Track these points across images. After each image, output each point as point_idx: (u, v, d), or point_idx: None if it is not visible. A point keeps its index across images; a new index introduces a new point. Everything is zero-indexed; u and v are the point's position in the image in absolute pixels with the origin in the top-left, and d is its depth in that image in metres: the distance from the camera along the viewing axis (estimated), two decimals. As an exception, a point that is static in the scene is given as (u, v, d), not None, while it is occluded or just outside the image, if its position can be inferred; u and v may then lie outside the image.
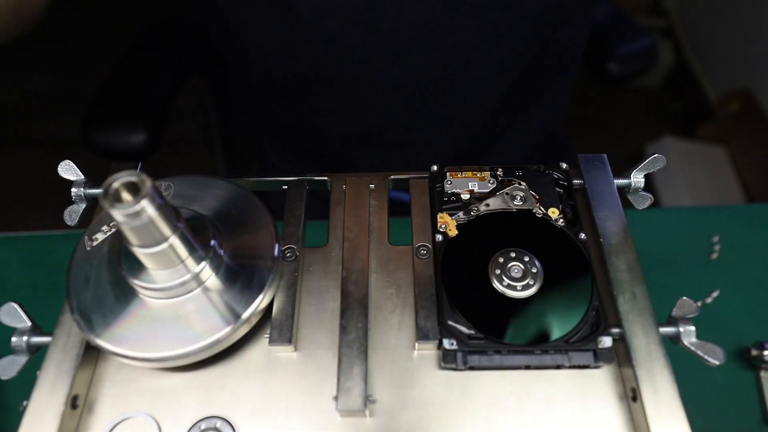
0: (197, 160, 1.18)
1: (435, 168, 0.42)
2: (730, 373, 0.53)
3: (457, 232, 0.39)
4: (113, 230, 0.36)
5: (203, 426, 0.33)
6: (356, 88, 0.68)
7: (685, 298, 0.36)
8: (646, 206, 0.42)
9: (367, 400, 0.33)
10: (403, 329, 0.37)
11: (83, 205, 0.41)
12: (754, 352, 0.51)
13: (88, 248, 0.36)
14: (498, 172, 0.42)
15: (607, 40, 0.85)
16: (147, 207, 0.28)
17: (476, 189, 0.41)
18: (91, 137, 0.72)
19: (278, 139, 0.85)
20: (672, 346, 0.35)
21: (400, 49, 0.63)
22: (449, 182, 0.42)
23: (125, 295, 0.34)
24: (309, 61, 0.66)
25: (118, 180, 0.28)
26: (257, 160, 0.94)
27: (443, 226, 0.39)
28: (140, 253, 0.31)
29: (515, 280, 0.37)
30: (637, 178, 0.42)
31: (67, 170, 0.41)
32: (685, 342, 0.35)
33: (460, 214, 0.40)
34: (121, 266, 0.33)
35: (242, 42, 0.68)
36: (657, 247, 0.61)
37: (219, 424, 0.33)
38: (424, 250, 0.39)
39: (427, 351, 0.36)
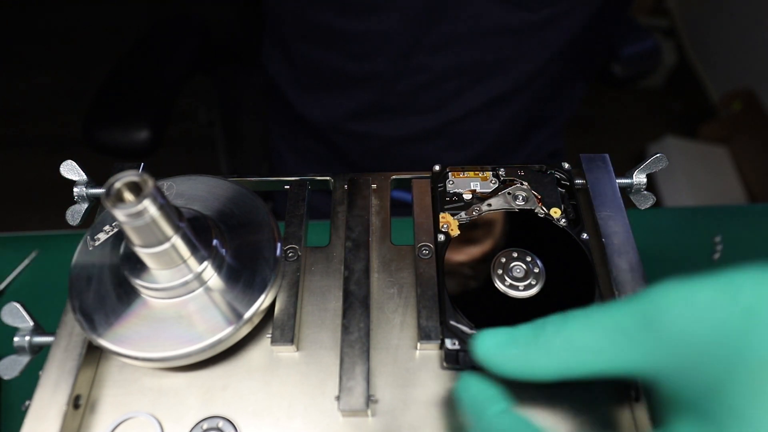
0: (200, 159, 1.18)
1: (437, 168, 0.42)
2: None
3: (459, 232, 0.39)
4: (115, 230, 0.36)
5: (205, 426, 0.33)
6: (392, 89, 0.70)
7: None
8: (648, 206, 0.42)
9: (369, 400, 0.33)
10: (405, 329, 0.37)
11: (85, 205, 0.41)
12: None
13: (90, 248, 0.36)
14: (500, 172, 0.42)
15: (610, 42, 0.85)
16: (149, 207, 0.28)
17: (478, 189, 0.41)
18: (94, 135, 0.72)
19: (297, 142, 0.85)
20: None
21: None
22: (451, 182, 0.42)
23: (127, 295, 0.34)
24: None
25: (121, 180, 0.28)
26: (268, 161, 0.94)
27: (445, 226, 0.39)
28: (142, 253, 0.31)
29: (517, 280, 0.37)
30: (639, 178, 0.41)
31: (70, 170, 0.41)
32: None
33: (462, 213, 0.40)
34: (123, 266, 0.33)
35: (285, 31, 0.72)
36: (659, 247, 0.61)
37: (221, 424, 0.33)
38: (426, 249, 0.39)
39: (429, 351, 0.36)
